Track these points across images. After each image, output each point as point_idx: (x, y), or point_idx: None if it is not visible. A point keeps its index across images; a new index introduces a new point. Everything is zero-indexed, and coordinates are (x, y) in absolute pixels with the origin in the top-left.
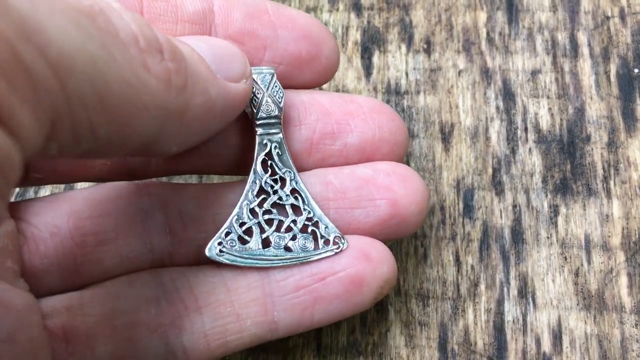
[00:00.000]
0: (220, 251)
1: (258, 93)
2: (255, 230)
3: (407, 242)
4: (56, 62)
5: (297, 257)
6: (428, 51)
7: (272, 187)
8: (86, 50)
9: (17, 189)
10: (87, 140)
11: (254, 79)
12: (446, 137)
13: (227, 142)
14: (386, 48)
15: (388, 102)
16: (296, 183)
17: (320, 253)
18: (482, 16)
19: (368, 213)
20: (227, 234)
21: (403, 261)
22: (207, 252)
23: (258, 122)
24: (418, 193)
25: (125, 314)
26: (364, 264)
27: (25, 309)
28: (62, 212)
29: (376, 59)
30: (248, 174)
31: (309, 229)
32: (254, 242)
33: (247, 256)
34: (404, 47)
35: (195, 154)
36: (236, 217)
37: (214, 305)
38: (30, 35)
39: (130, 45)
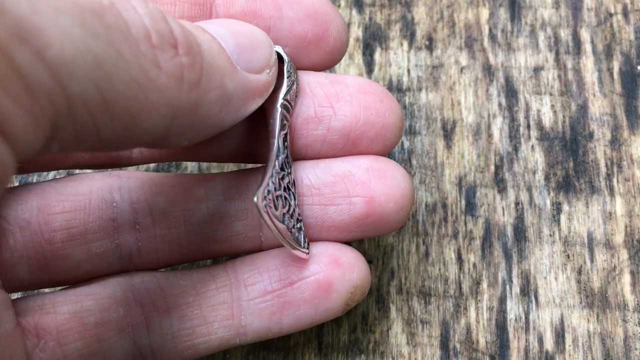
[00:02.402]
0: (265, 206)
1: (294, 74)
2: (281, 202)
3: (409, 240)
4: (55, 64)
5: (295, 247)
6: (430, 48)
7: (287, 168)
8: (90, 50)
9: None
10: (90, 138)
11: (290, 60)
12: (448, 134)
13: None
14: (388, 45)
15: None
16: (293, 175)
17: (303, 251)
18: (485, 13)
19: (342, 211)
20: (269, 192)
21: (405, 259)
22: (255, 199)
23: (282, 101)
24: (398, 190)
25: (94, 313)
26: (332, 270)
27: (0, 305)
28: (32, 205)
29: (378, 55)
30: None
31: (299, 224)
32: (279, 214)
33: (278, 224)
34: (405, 44)
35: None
36: (272, 179)
37: (182, 307)
38: (26, 38)
39: (141, 41)
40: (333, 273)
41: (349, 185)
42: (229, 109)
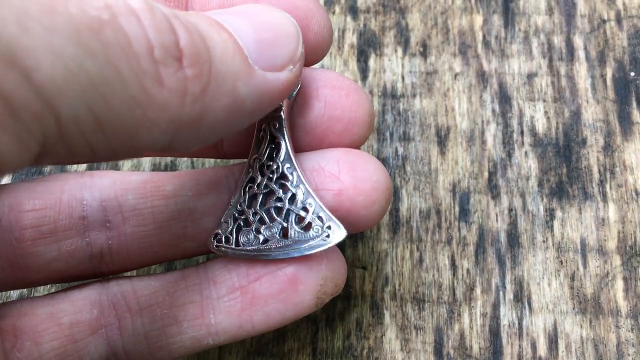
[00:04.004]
0: (217, 246)
1: None
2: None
3: (403, 246)
4: (44, 86)
5: (293, 247)
6: (424, 54)
7: (263, 174)
8: (84, 70)
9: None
10: (85, 154)
11: None
12: (442, 140)
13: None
14: (382, 51)
15: (384, 105)
16: (288, 164)
17: (312, 242)
18: (478, 19)
19: None
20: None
21: (399, 265)
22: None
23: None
24: (369, 183)
25: (69, 314)
26: (299, 262)
27: None
28: (4, 203)
29: (372, 62)
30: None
31: (296, 212)
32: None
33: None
34: (400, 50)
35: None
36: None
37: (153, 308)
38: (13, 61)
39: (142, 56)
40: (299, 266)
41: (317, 179)
42: (240, 114)
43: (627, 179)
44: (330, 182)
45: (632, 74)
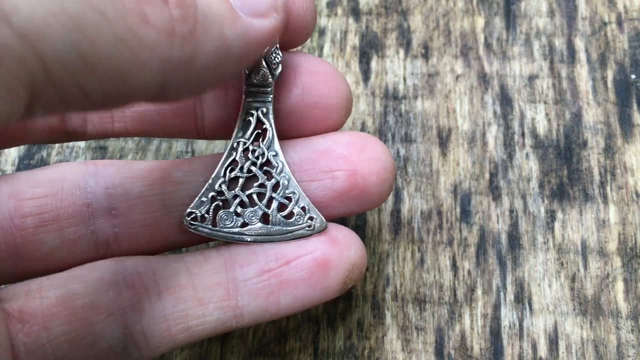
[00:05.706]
0: (191, 224)
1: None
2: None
3: (404, 247)
4: (24, 29)
5: (275, 234)
6: (426, 56)
7: (247, 158)
8: (66, 12)
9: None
10: (79, 100)
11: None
12: (444, 142)
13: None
14: (384, 53)
15: (386, 107)
16: (273, 152)
17: (295, 232)
18: (480, 21)
19: (325, 185)
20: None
21: (400, 266)
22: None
23: (248, 89)
24: (379, 163)
25: (82, 296)
26: (330, 247)
27: None
28: (3, 192)
29: (374, 63)
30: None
31: (279, 200)
32: (229, 219)
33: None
34: (402, 52)
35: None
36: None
37: (175, 289)
38: None
39: None
40: (331, 251)
41: (330, 161)
42: (228, 59)
43: (628, 181)
44: (344, 163)
45: (633, 76)
